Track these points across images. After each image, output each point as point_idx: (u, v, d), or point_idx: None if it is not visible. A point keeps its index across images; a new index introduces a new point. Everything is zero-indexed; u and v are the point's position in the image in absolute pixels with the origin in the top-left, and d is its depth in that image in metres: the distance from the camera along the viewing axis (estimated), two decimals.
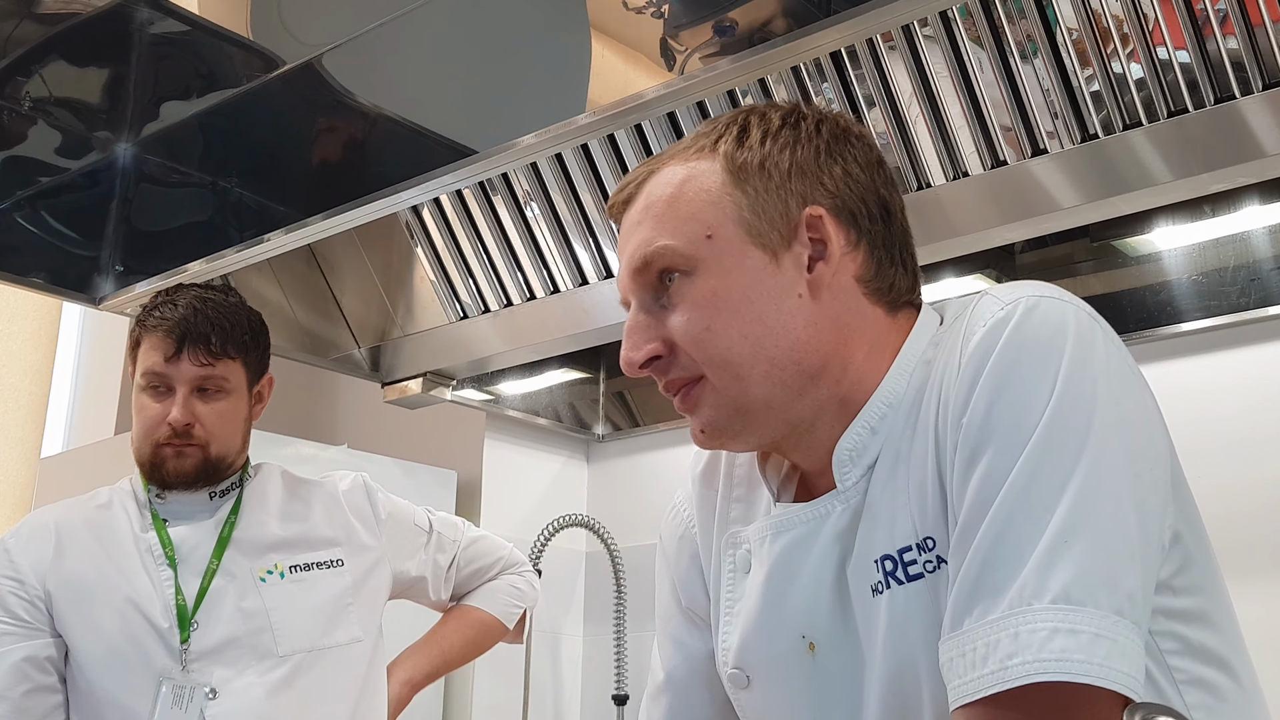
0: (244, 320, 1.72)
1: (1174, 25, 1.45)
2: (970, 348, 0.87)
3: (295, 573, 1.72)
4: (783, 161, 0.96)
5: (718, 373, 0.94)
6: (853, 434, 0.94)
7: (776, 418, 0.95)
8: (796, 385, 0.94)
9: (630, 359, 0.96)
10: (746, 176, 0.95)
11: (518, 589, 1.98)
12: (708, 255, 0.94)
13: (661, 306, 0.96)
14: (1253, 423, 2.06)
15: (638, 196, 0.99)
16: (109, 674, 1.62)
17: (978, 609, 0.79)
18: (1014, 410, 0.83)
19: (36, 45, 2.15)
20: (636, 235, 0.97)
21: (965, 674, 0.79)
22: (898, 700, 0.90)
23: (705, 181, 0.96)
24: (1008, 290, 0.89)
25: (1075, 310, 0.86)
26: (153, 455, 1.68)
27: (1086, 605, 0.76)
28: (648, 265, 0.96)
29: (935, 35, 1.55)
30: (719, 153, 0.97)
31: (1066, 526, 0.78)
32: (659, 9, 1.62)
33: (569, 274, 2.10)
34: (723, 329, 0.93)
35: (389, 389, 2.59)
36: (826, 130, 0.98)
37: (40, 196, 2.23)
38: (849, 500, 0.94)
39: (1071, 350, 0.83)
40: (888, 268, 0.98)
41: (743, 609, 1.00)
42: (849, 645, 0.93)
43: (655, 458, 3.00)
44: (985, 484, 0.82)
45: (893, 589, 0.89)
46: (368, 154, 1.99)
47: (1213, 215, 2.02)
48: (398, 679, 1.83)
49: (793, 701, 0.97)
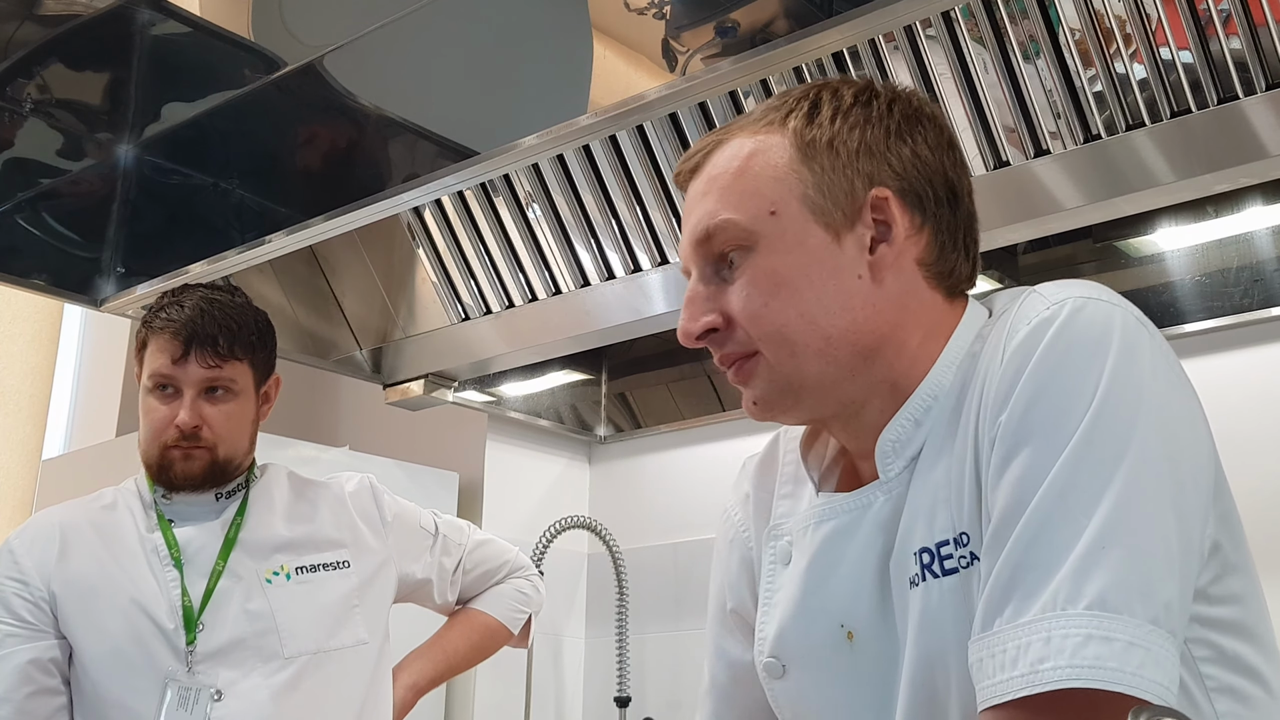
0: (251, 321, 1.72)
1: (1177, 25, 1.44)
2: (1014, 345, 0.86)
3: (301, 574, 1.71)
4: (851, 141, 0.95)
5: (773, 349, 0.94)
6: (896, 425, 0.94)
7: (828, 396, 0.95)
8: (850, 365, 0.94)
9: (688, 330, 0.96)
10: (814, 154, 0.94)
11: (523, 594, 1.97)
12: (770, 232, 0.94)
13: (722, 279, 0.96)
14: (1255, 423, 2.06)
15: (704, 166, 0.99)
16: (114, 675, 1.62)
17: (1009, 610, 0.79)
18: (1055, 411, 0.82)
19: (38, 47, 2.15)
20: (700, 207, 0.97)
21: (995, 675, 0.78)
22: (927, 693, 0.90)
23: (772, 156, 0.95)
24: (1056, 289, 0.88)
25: (1123, 313, 0.85)
26: (160, 457, 1.67)
27: (1122, 613, 0.76)
28: (709, 238, 0.96)
29: (938, 35, 1.55)
30: (788, 128, 0.96)
31: (1105, 532, 0.77)
32: (661, 10, 1.62)
33: (571, 275, 2.10)
34: (780, 306, 0.93)
35: (390, 390, 2.59)
36: (898, 110, 0.97)
37: (42, 198, 2.23)
38: (891, 491, 0.94)
39: (1116, 354, 0.82)
40: (950, 253, 0.97)
41: (781, 599, 1.00)
42: (887, 636, 0.93)
43: (657, 459, 3.00)
44: (1022, 484, 0.81)
45: (928, 582, 0.89)
46: (369, 155, 1.99)
47: (1215, 216, 2.02)
48: (402, 683, 1.83)
49: (827, 691, 0.97)
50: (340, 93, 1.98)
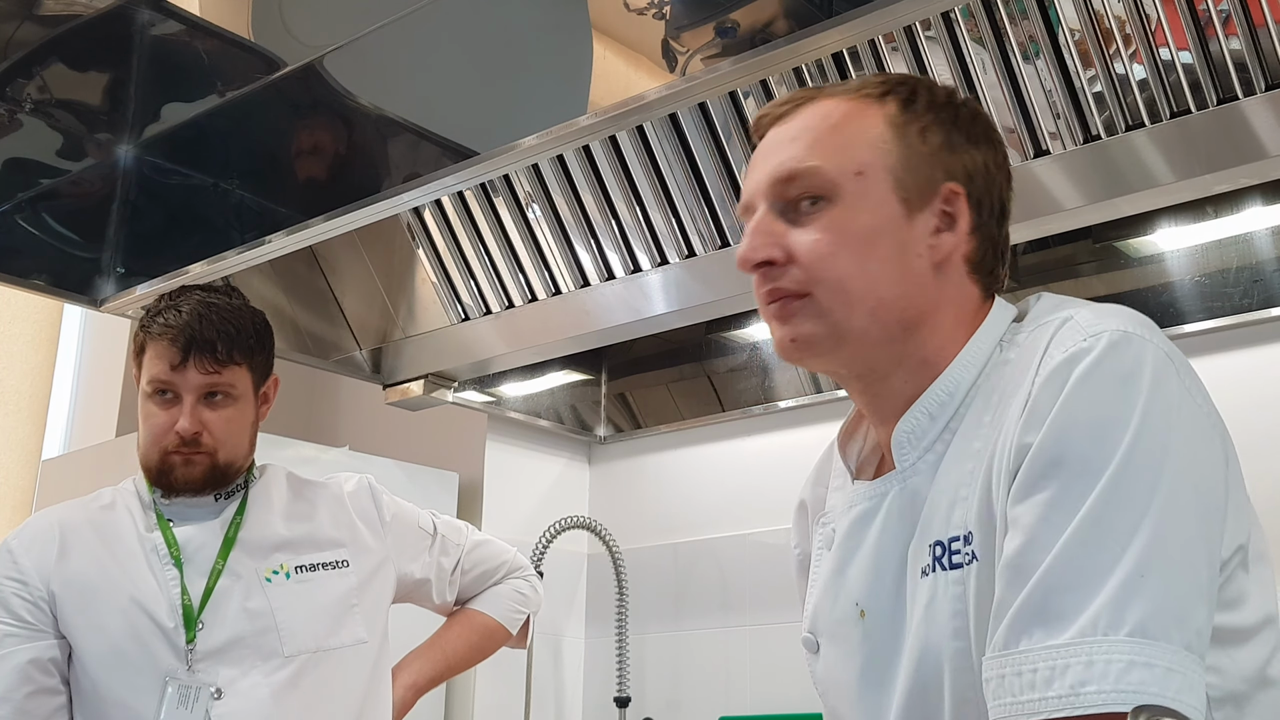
0: (249, 324, 1.71)
1: (1176, 26, 1.44)
2: (1048, 370, 0.90)
3: (301, 573, 1.71)
4: (939, 134, 1.01)
5: (829, 294, 0.98)
6: (911, 417, 1.00)
7: (864, 353, 1.00)
8: (891, 330, 0.99)
9: (748, 257, 1.00)
10: (907, 135, 1.01)
11: (522, 594, 1.97)
12: (853, 189, 0.99)
13: (789, 221, 1.00)
14: (1256, 424, 2.06)
15: (793, 116, 1.04)
16: (114, 674, 1.61)
17: (1039, 632, 0.82)
18: (1088, 442, 0.86)
19: (38, 47, 2.15)
20: (788, 149, 1.01)
21: (1021, 694, 0.82)
22: (922, 682, 0.94)
23: (868, 123, 1.01)
24: (1093, 319, 0.92)
25: (1154, 349, 0.89)
26: (161, 463, 1.67)
27: (1159, 640, 0.79)
28: (793, 179, 1.00)
29: (937, 36, 1.55)
30: (885, 104, 1.02)
31: (1142, 561, 0.81)
32: (661, 10, 1.62)
33: (570, 275, 2.10)
34: (847, 259, 0.98)
35: (390, 391, 2.59)
36: (981, 125, 1.05)
37: (41, 198, 2.23)
38: (905, 481, 1.00)
39: (1149, 391, 0.86)
40: (991, 259, 1.04)
41: (818, 578, 1.08)
42: (897, 620, 0.98)
43: (657, 459, 3.00)
44: (1053, 508, 0.85)
45: (936, 574, 0.94)
46: (369, 155, 1.99)
47: (1215, 216, 2.01)
48: (401, 682, 1.83)
49: (843, 667, 1.03)
50: (340, 93, 1.98)
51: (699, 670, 2.78)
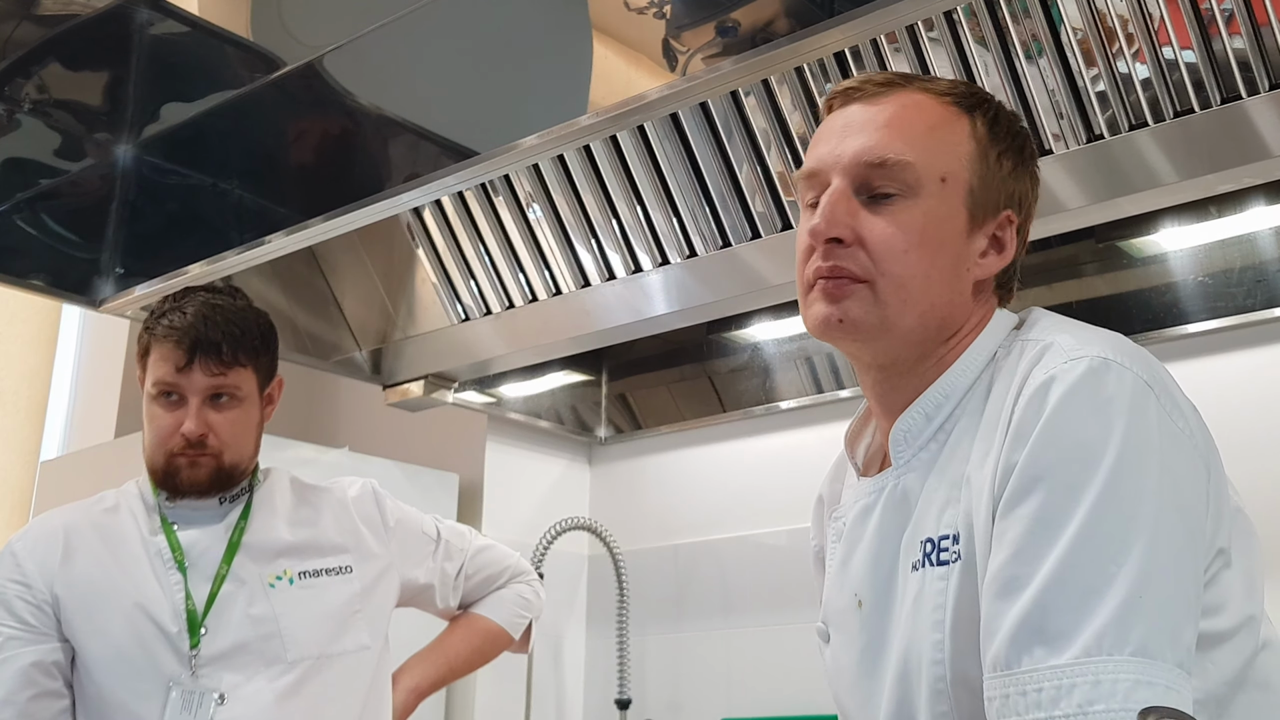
0: (254, 325, 1.70)
1: (1179, 25, 1.44)
2: (1029, 392, 0.93)
3: (305, 579, 1.71)
4: (1011, 160, 1.07)
5: (890, 288, 1.01)
6: (908, 417, 1.04)
7: (901, 348, 1.04)
8: (930, 333, 1.04)
9: (822, 230, 1.02)
10: (988, 155, 1.05)
11: (524, 599, 1.97)
12: (936, 193, 1.02)
13: (862, 203, 1.02)
14: (1259, 424, 2.06)
15: (883, 100, 1.05)
16: (117, 679, 1.61)
17: (1040, 650, 0.84)
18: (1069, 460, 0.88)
19: (36, 47, 2.15)
20: (882, 134, 1.03)
21: (1027, 713, 0.83)
22: (904, 672, 0.97)
23: (961, 135, 1.05)
24: (1075, 345, 0.95)
25: (1133, 376, 0.92)
26: (166, 465, 1.67)
27: (1158, 659, 0.82)
28: (883, 166, 1.02)
29: (939, 36, 1.54)
30: (975, 120, 1.06)
31: (1139, 581, 0.84)
32: (661, 9, 1.61)
33: (571, 276, 2.09)
34: (916, 259, 1.01)
35: (390, 391, 2.58)
36: (1031, 155, 1.10)
37: (40, 198, 2.22)
38: (900, 477, 1.04)
39: (1127, 416, 0.89)
40: (1012, 276, 1.10)
41: (830, 571, 1.12)
42: (889, 612, 1.01)
43: (657, 460, 3.00)
44: (1039, 524, 0.87)
45: (925, 569, 0.98)
46: (369, 155, 1.99)
47: (1218, 216, 2.01)
48: (403, 686, 1.83)
49: (843, 656, 1.07)
50: (340, 93, 1.98)
51: (700, 672, 2.78)
